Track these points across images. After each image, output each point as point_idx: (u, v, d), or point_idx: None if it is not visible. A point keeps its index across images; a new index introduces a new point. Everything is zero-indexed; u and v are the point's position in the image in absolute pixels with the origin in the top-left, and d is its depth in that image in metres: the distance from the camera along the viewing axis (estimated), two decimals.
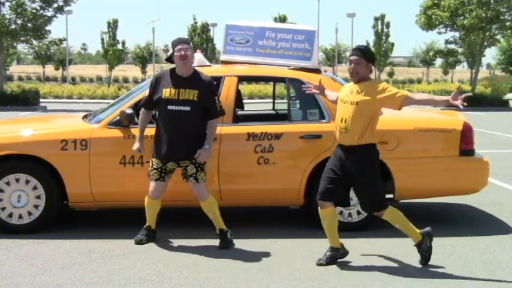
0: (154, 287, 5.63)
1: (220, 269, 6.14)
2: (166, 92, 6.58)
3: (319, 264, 6.28)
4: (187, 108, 6.54)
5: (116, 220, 8.05)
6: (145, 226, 7.00)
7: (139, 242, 6.89)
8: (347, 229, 7.39)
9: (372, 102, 6.06)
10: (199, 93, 6.57)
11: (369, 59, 6.16)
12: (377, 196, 6.21)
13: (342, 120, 6.16)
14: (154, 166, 6.75)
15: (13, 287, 5.53)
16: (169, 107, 6.57)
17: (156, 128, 6.81)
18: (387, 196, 7.59)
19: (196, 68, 6.88)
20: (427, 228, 6.43)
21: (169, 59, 6.81)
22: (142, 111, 6.96)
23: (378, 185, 6.21)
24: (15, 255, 6.51)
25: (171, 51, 6.79)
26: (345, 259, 6.41)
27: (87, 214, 8.15)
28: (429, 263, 6.35)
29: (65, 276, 5.86)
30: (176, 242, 6.98)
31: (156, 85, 6.72)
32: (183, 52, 6.55)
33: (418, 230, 6.34)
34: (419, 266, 6.29)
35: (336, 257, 6.36)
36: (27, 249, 6.67)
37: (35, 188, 7.23)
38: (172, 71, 6.73)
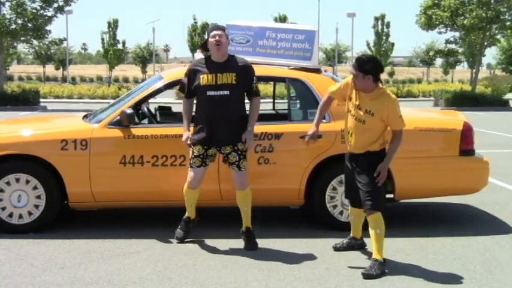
0: (154, 287, 5.63)
1: (220, 269, 6.14)
2: (204, 78, 6.58)
3: (335, 248, 6.65)
4: (226, 92, 6.53)
5: (116, 220, 8.05)
6: (184, 217, 6.97)
7: (181, 239, 6.89)
8: (348, 229, 7.40)
9: (377, 120, 6.14)
10: (236, 75, 6.58)
11: (366, 71, 6.01)
12: (379, 196, 6.20)
13: (349, 133, 6.31)
14: (195, 153, 6.69)
15: (13, 287, 5.53)
16: (209, 93, 6.55)
17: (195, 115, 6.80)
18: (387, 196, 7.62)
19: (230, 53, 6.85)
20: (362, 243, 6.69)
21: (205, 46, 6.84)
22: (183, 101, 6.90)
23: (376, 188, 6.17)
24: (15, 255, 6.51)
25: (206, 37, 6.83)
26: (345, 259, 6.41)
27: (87, 214, 8.14)
28: (429, 263, 6.35)
29: (64, 276, 5.86)
30: (176, 242, 6.98)
31: (192, 73, 6.70)
32: (217, 38, 6.56)
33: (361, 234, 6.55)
34: (421, 265, 6.29)
35: (353, 246, 6.70)
36: (27, 249, 6.67)
37: (35, 187, 7.24)
38: (208, 58, 6.74)
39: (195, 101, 6.80)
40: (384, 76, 75.70)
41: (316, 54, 8.03)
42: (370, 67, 6.01)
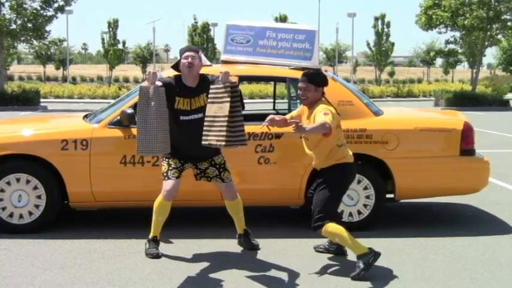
0: (155, 287, 5.63)
1: (220, 268, 6.14)
2: (179, 102, 6.37)
3: (315, 248, 6.78)
4: (200, 115, 6.28)
5: (116, 220, 8.05)
6: (151, 238, 6.58)
7: (156, 256, 6.45)
8: (348, 229, 7.39)
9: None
10: (207, 95, 6.27)
11: (317, 83, 6.14)
12: (323, 209, 6.06)
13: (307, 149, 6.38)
14: (172, 165, 6.45)
15: (14, 287, 5.53)
16: (182, 118, 6.37)
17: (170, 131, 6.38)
18: (388, 196, 7.63)
19: (200, 72, 6.57)
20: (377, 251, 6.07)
21: (176, 67, 6.59)
22: None
23: (332, 200, 6.10)
24: (15, 255, 6.51)
25: (178, 58, 6.57)
26: (346, 260, 6.42)
27: (87, 214, 8.15)
28: (429, 263, 6.35)
29: (65, 276, 5.86)
30: (177, 242, 6.98)
31: (168, 88, 6.32)
32: (190, 59, 6.35)
33: (364, 246, 6.01)
34: (421, 265, 6.29)
35: (329, 249, 6.73)
36: (28, 249, 6.67)
37: (35, 187, 7.24)
38: (179, 79, 6.46)
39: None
40: (384, 76, 75.97)
41: (317, 54, 8.03)
42: (321, 80, 6.19)
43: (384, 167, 7.52)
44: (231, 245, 6.82)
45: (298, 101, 8.25)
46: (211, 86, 6.11)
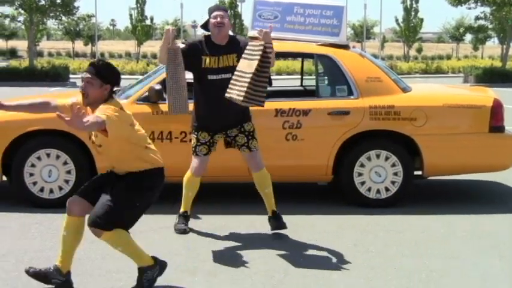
0: (183, 262, 5.69)
1: (247, 244, 6.18)
2: (205, 60, 6.26)
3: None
4: (228, 75, 6.14)
5: None
6: (181, 213, 6.63)
7: (183, 232, 6.51)
8: (375, 206, 7.42)
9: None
10: (237, 56, 6.19)
11: (105, 78, 4.84)
12: (110, 214, 4.83)
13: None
14: (201, 141, 6.39)
15: (44, 260, 5.60)
16: (210, 77, 6.26)
17: (195, 101, 6.47)
18: (416, 173, 7.60)
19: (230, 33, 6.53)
20: (162, 261, 5.24)
21: (205, 26, 6.48)
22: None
23: (120, 207, 4.88)
24: (46, 229, 6.60)
25: (207, 17, 6.46)
26: (373, 236, 6.42)
27: None
28: (457, 240, 6.34)
29: (95, 251, 5.92)
30: (205, 218, 7.01)
31: (193, 49, 6.32)
32: (219, 19, 6.25)
33: (150, 256, 5.15)
34: (449, 243, 6.28)
35: None
36: (58, 223, 6.71)
37: (65, 163, 7.32)
38: (208, 38, 6.40)
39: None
40: (412, 52, 75.21)
41: (344, 30, 7.98)
42: (111, 75, 4.90)
43: (412, 144, 7.49)
44: (259, 221, 6.84)
45: (326, 77, 8.24)
46: (250, 43, 6.04)
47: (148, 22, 62.83)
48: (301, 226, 6.75)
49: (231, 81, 6.01)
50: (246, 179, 7.22)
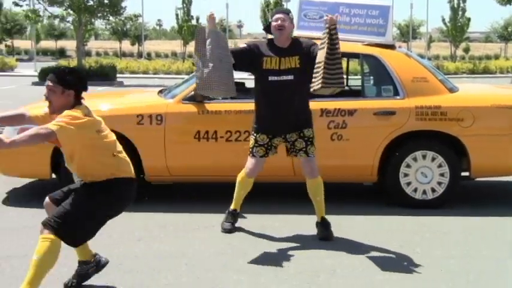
0: (228, 261, 5.71)
1: (294, 244, 6.19)
2: (267, 61, 6.22)
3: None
4: (290, 77, 6.16)
5: (191, 194, 8.18)
6: (230, 210, 6.66)
7: (229, 231, 6.54)
8: (421, 207, 7.36)
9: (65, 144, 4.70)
10: (300, 58, 6.17)
11: (67, 83, 4.75)
12: (64, 218, 4.61)
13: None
14: (259, 142, 6.34)
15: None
16: (271, 78, 6.20)
17: (255, 102, 6.46)
18: (463, 174, 7.53)
19: (294, 36, 6.53)
20: (104, 259, 5.19)
21: (267, 29, 6.50)
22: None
23: (77, 213, 4.65)
24: None
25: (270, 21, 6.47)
26: (419, 237, 6.38)
27: (162, 188, 8.30)
28: (506, 241, 6.26)
29: (141, 248, 6.00)
30: (252, 217, 7.03)
31: (255, 49, 6.31)
32: (280, 22, 6.23)
33: (92, 253, 5.16)
34: (498, 245, 6.20)
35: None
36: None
37: None
38: (271, 41, 6.40)
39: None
40: (459, 52, 74.26)
41: (390, 30, 7.94)
42: (73, 80, 4.82)
43: (459, 145, 7.42)
44: (304, 221, 6.84)
45: (372, 77, 8.21)
46: (321, 36, 6.00)
47: (194, 22, 63.15)
48: (347, 226, 6.73)
49: (313, 76, 5.97)
50: (292, 180, 7.25)
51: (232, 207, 6.66)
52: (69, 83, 4.72)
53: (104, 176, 4.76)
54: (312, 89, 5.93)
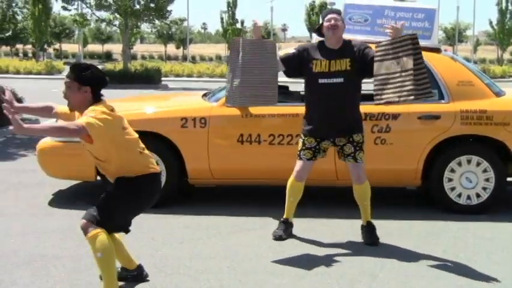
0: (270, 264, 5.71)
1: (336, 249, 6.17)
2: (317, 64, 6.15)
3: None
4: (341, 79, 6.07)
5: (234, 197, 8.20)
6: (282, 219, 6.56)
7: (278, 238, 6.40)
8: (466, 212, 7.28)
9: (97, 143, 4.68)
10: (351, 60, 6.09)
11: (82, 80, 4.69)
12: (101, 211, 4.73)
13: None
14: (307, 145, 6.27)
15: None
16: (321, 81, 6.12)
17: (305, 105, 6.44)
18: (508, 179, 7.43)
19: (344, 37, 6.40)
20: (145, 273, 5.28)
21: (318, 31, 6.43)
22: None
23: (112, 204, 4.80)
24: (137, 229, 6.70)
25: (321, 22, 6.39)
26: (463, 243, 6.31)
27: (205, 190, 8.34)
28: None
29: (184, 251, 6.04)
30: (294, 221, 6.99)
31: (305, 54, 6.26)
32: (333, 22, 6.15)
33: (137, 263, 5.27)
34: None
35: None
36: (149, 223, 6.89)
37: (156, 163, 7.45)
38: (321, 43, 6.35)
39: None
40: (506, 56, 73.18)
41: (436, 33, 7.86)
42: (89, 76, 4.72)
43: (505, 150, 7.32)
44: (347, 225, 6.83)
45: None
46: (380, 45, 5.98)
47: (239, 25, 63.45)
48: (390, 231, 6.69)
49: (377, 87, 5.97)
50: (335, 184, 7.22)
51: (284, 216, 6.59)
52: (84, 79, 4.68)
53: (133, 173, 4.78)
54: (382, 101, 5.96)
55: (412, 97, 5.77)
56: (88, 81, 4.68)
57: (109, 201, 4.76)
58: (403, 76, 5.76)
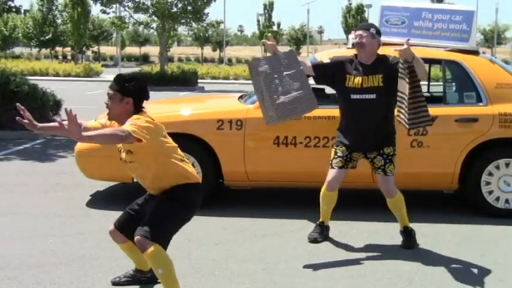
0: (305, 267, 5.71)
1: (370, 252, 6.15)
2: (350, 79, 6.15)
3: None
4: (373, 96, 6.06)
5: (269, 199, 8.21)
6: (318, 222, 6.59)
7: (314, 241, 6.42)
8: (504, 216, 7.20)
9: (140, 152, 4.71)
10: (383, 77, 6.05)
11: (125, 91, 4.68)
12: (155, 227, 4.68)
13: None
14: (338, 154, 6.27)
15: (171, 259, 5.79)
16: (353, 96, 6.13)
17: (340, 117, 6.43)
18: None
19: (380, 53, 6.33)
20: None
21: (354, 45, 6.40)
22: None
23: (164, 216, 4.75)
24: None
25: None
26: (502, 247, 6.24)
27: (240, 193, 8.36)
28: None
29: (219, 252, 6.06)
30: (329, 224, 7.01)
31: (338, 66, 6.29)
32: (358, 39, 6.15)
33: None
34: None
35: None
36: (185, 225, 6.92)
37: (192, 165, 7.49)
38: (356, 56, 6.31)
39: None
40: None
41: (474, 36, 7.79)
42: (132, 87, 4.69)
43: None
44: (382, 228, 6.80)
45: (454, 83, 8.08)
46: (401, 62, 5.96)
47: (275, 28, 63.52)
48: (427, 235, 6.64)
49: (398, 104, 6.06)
50: (371, 186, 7.18)
51: (320, 219, 6.60)
52: (127, 90, 4.67)
53: (175, 182, 4.77)
54: (398, 118, 6.10)
55: (407, 126, 5.99)
56: (131, 93, 4.67)
57: (159, 216, 4.72)
58: (405, 102, 5.89)
